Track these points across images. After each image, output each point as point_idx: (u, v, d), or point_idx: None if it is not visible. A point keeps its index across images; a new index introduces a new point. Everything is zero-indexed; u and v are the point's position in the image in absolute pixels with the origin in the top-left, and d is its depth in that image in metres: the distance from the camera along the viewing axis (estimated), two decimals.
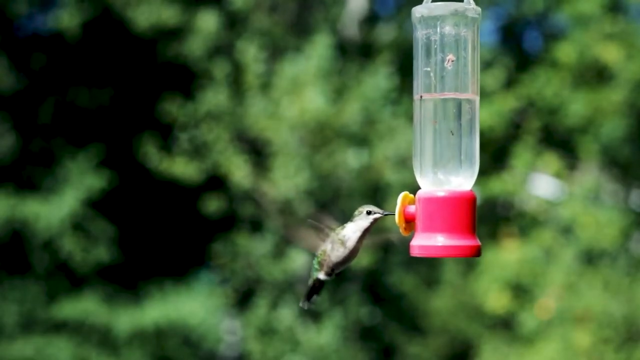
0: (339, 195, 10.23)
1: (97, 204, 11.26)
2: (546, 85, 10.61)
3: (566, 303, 8.96)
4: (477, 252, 2.07)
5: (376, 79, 10.01)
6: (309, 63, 9.83)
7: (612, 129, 10.23)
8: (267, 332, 10.27)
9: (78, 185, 11.09)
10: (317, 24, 11.06)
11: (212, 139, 10.29)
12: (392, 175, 9.76)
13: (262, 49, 10.25)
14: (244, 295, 10.97)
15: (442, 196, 2.06)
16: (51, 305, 11.03)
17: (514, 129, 10.66)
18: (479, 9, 2.09)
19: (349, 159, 9.83)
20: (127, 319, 10.92)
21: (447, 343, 11.55)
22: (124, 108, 12.70)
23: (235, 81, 10.37)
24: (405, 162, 9.66)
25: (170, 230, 12.68)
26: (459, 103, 2.09)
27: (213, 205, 10.41)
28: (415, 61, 2.11)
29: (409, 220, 2.13)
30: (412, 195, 2.15)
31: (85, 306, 10.96)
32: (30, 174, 11.87)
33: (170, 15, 10.71)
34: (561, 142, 10.97)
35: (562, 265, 9.22)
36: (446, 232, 2.05)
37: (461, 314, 11.26)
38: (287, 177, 9.80)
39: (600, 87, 10.26)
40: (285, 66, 9.99)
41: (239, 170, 10.08)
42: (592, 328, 8.70)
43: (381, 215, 2.27)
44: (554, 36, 12.03)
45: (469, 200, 2.07)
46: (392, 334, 11.96)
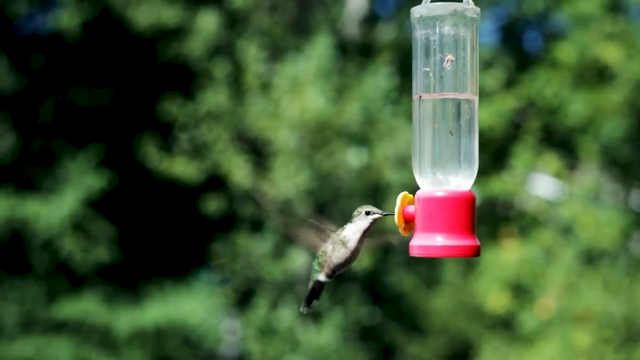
0: (339, 195, 10.22)
1: (97, 204, 11.26)
2: (546, 85, 10.61)
3: (566, 303, 8.96)
4: (476, 252, 2.07)
5: (376, 79, 10.00)
6: (309, 63, 9.82)
7: (612, 129, 10.22)
8: (267, 332, 10.26)
9: (78, 185, 11.09)
10: (317, 23, 11.05)
11: (212, 139, 10.28)
12: (392, 175, 9.75)
13: (262, 48, 10.24)
14: (244, 295, 10.96)
15: (441, 196, 2.07)
16: (51, 305, 11.02)
17: (514, 129, 10.66)
18: (478, 9, 2.08)
19: (349, 159, 9.82)
20: (127, 319, 10.92)
21: (447, 343, 11.55)
22: (124, 108, 12.69)
23: (236, 81, 10.36)
24: (405, 162, 9.65)
25: (170, 230, 12.67)
26: (458, 103, 2.09)
27: (213, 205, 10.40)
28: (414, 61, 2.11)
29: (408, 221, 2.13)
30: (411, 195, 2.15)
31: (85, 306, 10.96)
32: (30, 174, 11.86)
33: (170, 15, 10.71)
34: (561, 142, 10.97)
35: (562, 265, 9.22)
36: (445, 232, 2.05)
37: (461, 314, 11.26)
38: (287, 177, 9.79)
39: (600, 87, 10.26)
40: (285, 66, 9.99)
41: (239, 170, 10.07)
42: (592, 328, 8.70)
43: (380, 216, 2.26)
44: (554, 36, 12.03)
45: (468, 200, 2.07)
46: (392, 334, 11.96)
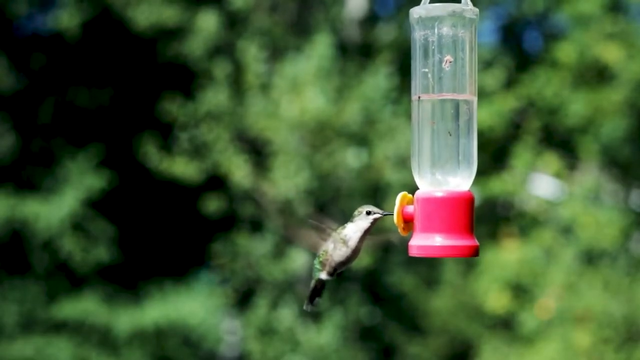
0: (339, 195, 10.22)
1: (97, 204, 11.26)
2: (546, 85, 10.60)
3: (566, 303, 8.96)
4: (475, 252, 2.07)
5: (376, 79, 10.00)
6: (309, 63, 9.82)
7: (612, 129, 10.22)
8: (267, 332, 10.26)
9: (78, 185, 11.09)
10: (317, 23, 11.05)
11: (212, 138, 10.28)
12: (392, 175, 9.75)
13: (262, 48, 10.24)
14: (244, 295, 10.96)
15: (440, 196, 2.07)
16: (51, 305, 11.02)
17: (514, 129, 10.66)
18: (477, 10, 2.09)
19: (349, 159, 9.82)
20: (127, 319, 10.92)
21: (447, 343, 11.54)
22: (124, 108, 12.69)
23: (236, 81, 10.36)
24: (406, 162, 9.65)
25: (170, 230, 12.67)
26: (456, 104, 2.09)
27: (213, 205, 10.40)
28: (413, 62, 2.11)
29: (408, 221, 2.13)
30: (410, 195, 2.16)
31: (85, 306, 10.96)
32: (30, 174, 11.86)
33: (170, 15, 10.71)
34: (561, 142, 10.97)
35: (562, 265, 9.22)
36: (444, 232, 2.06)
37: (461, 314, 11.26)
38: (287, 177, 9.79)
39: (600, 87, 10.26)
40: (285, 66, 9.99)
41: (239, 170, 10.07)
42: (592, 328, 8.70)
43: (381, 216, 2.27)
44: (554, 36, 12.03)
45: (466, 200, 2.08)
46: (392, 334, 11.95)
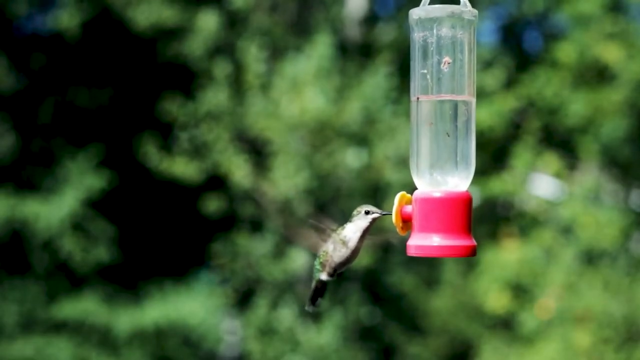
0: (339, 195, 10.22)
1: (97, 204, 11.26)
2: (546, 85, 10.60)
3: (566, 303, 8.95)
4: (473, 252, 2.09)
5: (376, 79, 10.00)
6: (309, 63, 9.82)
7: (612, 129, 10.22)
8: (267, 332, 10.26)
9: (78, 185, 11.09)
10: (317, 23, 11.05)
11: (212, 138, 10.27)
12: (392, 175, 9.75)
13: (262, 48, 10.24)
14: (244, 295, 10.96)
15: (438, 197, 2.08)
16: (51, 305, 11.02)
17: (514, 129, 10.65)
18: (476, 11, 2.10)
19: (349, 159, 9.82)
20: (127, 319, 10.92)
21: (447, 343, 11.54)
22: (124, 108, 12.69)
23: (236, 81, 10.36)
24: (406, 162, 9.63)
25: (170, 230, 12.67)
26: (455, 105, 2.10)
27: (213, 205, 10.40)
28: (412, 63, 2.13)
29: (406, 220, 2.15)
30: (409, 195, 2.17)
31: (85, 306, 10.96)
32: (30, 174, 11.86)
33: (170, 15, 10.71)
34: (561, 142, 10.97)
35: (562, 265, 9.21)
36: (442, 233, 2.07)
37: (461, 314, 11.26)
38: (287, 177, 9.79)
39: (600, 87, 10.26)
40: (285, 66, 9.98)
41: (239, 170, 10.07)
42: (592, 328, 8.69)
43: (379, 215, 2.28)
44: (554, 36, 12.02)
45: (464, 200, 2.09)
46: (392, 334, 11.95)
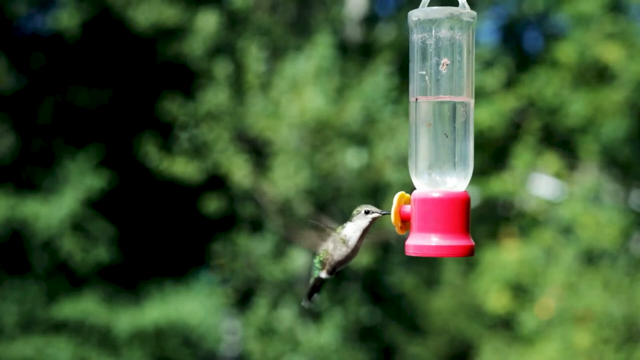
0: (339, 195, 10.22)
1: (97, 204, 11.25)
2: (546, 85, 10.60)
3: (566, 303, 8.95)
4: (471, 251, 2.11)
5: (376, 78, 9.99)
6: (309, 63, 9.81)
7: (612, 129, 10.22)
8: (267, 332, 10.26)
9: (78, 185, 11.09)
10: (317, 23, 11.05)
11: (212, 138, 10.27)
12: (392, 175, 9.75)
13: (262, 48, 10.24)
14: (244, 295, 10.95)
15: (436, 197, 2.10)
16: (51, 305, 11.02)
17: (514, 129, 10.65)
18: (474, 13, 2.11)
19: (349, 159, 9.81)
20: (127, 319, 10.91)
21: (447, 343, 11.55)
22: (124, 108, 12.69)
23: (236, 81, 10.36)
24: (405, 162, 9.61)
25: (170, 230, 12.67)
26: (453, 106, 2.12)
27: (213, 205, 10.40)
28: (411, 64, 2.14)
29: (405, 220, 2.17)
30: (408, 195, 2.19)
31: (85, 306, 10.95)
32: (30, 174, 11.86)
33: (170, 15, 10.70)
34: (561, 142, 10.97)
35: (562, 265, 9.21)
36: (440, 233, 2.09)
37: (461, 314, 11.27)
38: (287, 177, 9.78)
39: (600, 87, 10.26)
40: (285, 66, 9.98)
41: (239, 170, 10.06)
42: (592, 328, 8.70)
43: (379, 215, 2.31)
44: (554, 36, 12.03)
45: (462, 201, 2.11)
46: (392, 334, 11.96)
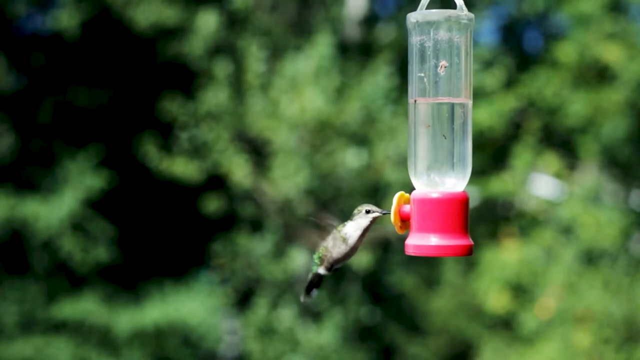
0: (339, 194, 10.21)
1: (96, 204, 11.26)
2: (546, 85, 10.60)
3: (566, 303, 8.95)
4: (469, 251, 2.14)
5: (376, 78, 9.99)
6: (309, 62, 9.81)
7: (612, 129, 10.23)
8: (267, 332, 10.26)
9: (77, 185, 11.09)
10: (317, 23, 11.05)
11: (212, 138, 10.27)
12: (391, 175, 9.75)
13: (262, 48, 10.24)
14: (244, 295, 10.95)
15: (435, 197, 2.13)
16: (51, 305, 11.02)
17: (514, 129, 10.66)
18: (472, 15, 2.15)
19: (349, 159, 9.81)
20: (127, 319, 10.92)
21: (447, 343, 11.55)
22: (124, 108, 12.69)
23: (236, 81, 10.35)
24: (405, 162, 9.60)
25: (170, 230, 12.67)
26: (452, 107, 2.15)
27: (213, 205, 10.39)
28: (410, 66, 2.17)
29: (404, 220, 2.20)
30: (408, 194, 2.23)
31: (85, 306, 10.96)
32: (30, 174, 11.86)
33: (170, 15, 10.70)
34: (561, 142, 10.97)
35: (562, 265, 9.22)
36: (439, 232, 2.12)
37: (461, 314, 11.27)
38: (287, 177, 9.78)
39: (600, 87, 10.26)
40: (285, 65, 9.98)
41: (239, 170, 10.06)
42: (592, 328, 8.70)
43: (380, 214, 2.34)
44: (554, 36, 12.03)
45: (461, 201, 2.13)
46: (392, 334, 11.96)
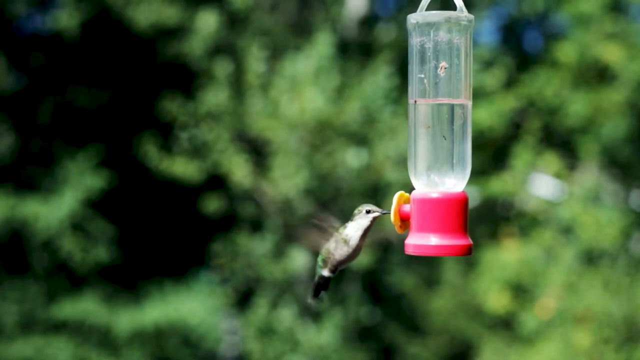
0: (339, 194, 10.21)
1: (96, 204, 11.26)
2: (546, 85, 10.60)
3: (566, 303, 8.95)
4: (469, 251, 2.15)
5: (376, 78, 9.99)
6: (309, 62, 9.81)
7: (612, 129, 10.23)
8: (267, 332, 10.26)
9: (77, 185, 11.09)
10: (317, 23, 11.04)
11: (212, 138, 10.26)
12: (391, 174, 9.75)
13: (262, 48, 10.24)
14: (244, 295, 10.95)
15: (435, 197, 2.14)
16: (51, 305, 11.03)
17: (514, 129, 10.66)
18: (472, 17, 2.15)
19: (349, 159, 9.81)
20: (127, 319, 10.92)
21: (447, 343, 11.55)
22: (124, 108, 12.69)
23: (236, 81, 10.35)
24: (405, 162, 9.60)
25: (170, 230, 12.67)
26: (451, 108, 2.16)
27: (213, 205, 10.40)
28: (410, 67, 2.18)
29: (404, 219, 2.21)
30: (407, 194, 2.24)
31: (85, 306, 10.96)
32: (30, 174, 11.86)
33: (170, 15, 10.70)
34: (561, 142, 10.98)
35: (562, 265, 9.22)
36: (439, 232, 2.13)
37: (461, 314, 11.27)
38: (287, 177, 9.78)
39: (600, 87, 10.26)
40: (285, 65, 9.98)
41: (239, 170, 10.06)
42: (592, 328, 8.70)
43: (380, 214, 2.34)
44: (554, 36, 12.03)
45: (461, 201, 2.15)
46: (392, 334, 11.96)
